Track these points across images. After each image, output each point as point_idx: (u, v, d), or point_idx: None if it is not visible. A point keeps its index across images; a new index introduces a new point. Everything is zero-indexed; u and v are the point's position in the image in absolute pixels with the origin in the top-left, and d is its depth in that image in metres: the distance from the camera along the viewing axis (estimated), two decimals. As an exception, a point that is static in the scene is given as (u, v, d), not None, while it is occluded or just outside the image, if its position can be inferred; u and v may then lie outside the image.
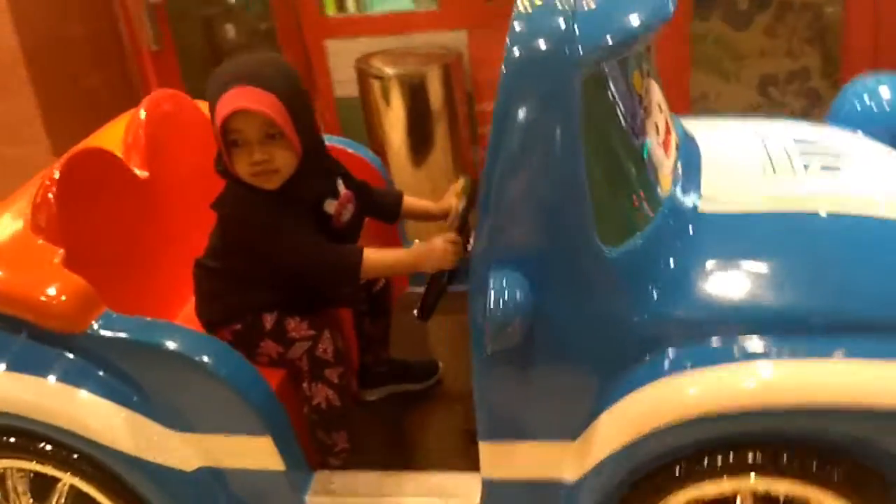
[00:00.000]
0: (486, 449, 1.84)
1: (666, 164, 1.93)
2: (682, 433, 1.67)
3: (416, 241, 2.35)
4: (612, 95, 1.77)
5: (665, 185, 1.88)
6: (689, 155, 2.05)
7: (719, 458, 1.68)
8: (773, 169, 1.98)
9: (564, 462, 1.82)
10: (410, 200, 2.24)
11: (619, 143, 1.78)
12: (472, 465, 2.06)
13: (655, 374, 1.69)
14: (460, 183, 2.10)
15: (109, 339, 1.85)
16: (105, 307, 1.89)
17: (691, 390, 1.65)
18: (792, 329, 1.65)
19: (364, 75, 4.20)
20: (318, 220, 1.98)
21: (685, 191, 1.91)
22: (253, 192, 1.90)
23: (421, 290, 2.67)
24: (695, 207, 1.87)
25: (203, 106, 2.59)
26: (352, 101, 4.66)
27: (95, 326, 1.85)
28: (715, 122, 2.37)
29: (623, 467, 1.73)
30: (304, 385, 2.03)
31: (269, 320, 2.03)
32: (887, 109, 2.31)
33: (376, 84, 4.11)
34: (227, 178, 1.96)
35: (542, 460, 1.84)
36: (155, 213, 2.33)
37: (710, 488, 1.71)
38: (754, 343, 1.65)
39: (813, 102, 4.17)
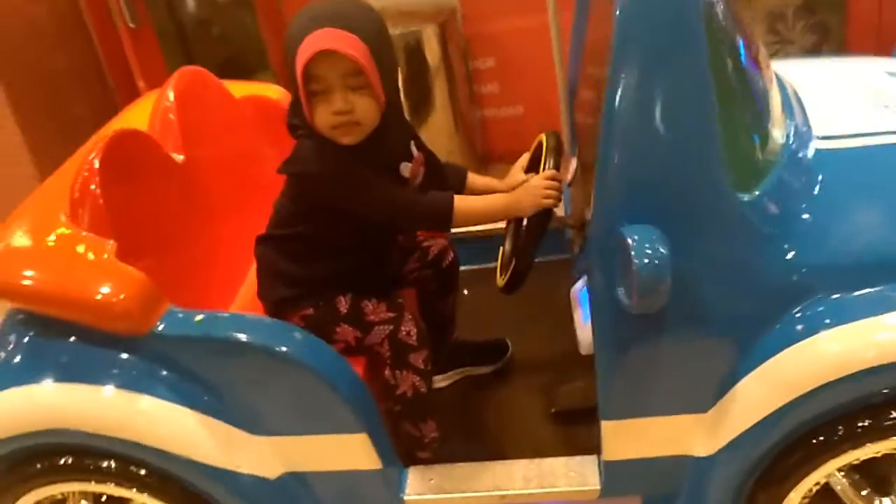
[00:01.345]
0: (609, 429, 1.67)
1: (776, 99, 1.77)
2: (832, 396, 1.52)
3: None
4: (729, 24, 1.61)
5: (780, 123, 1.73)
6: (786, 92, 1.90)
7: (867, 420, 1.55)
8: (884, 104, 1.84)
9: (695, 436, 1.66)
10: (475, 178, 2.03)
11: (740, 78, 1.61)
12: (566, 447, 1.93)
13: (798, 333, 1.53)
14: (542, 141, 1.92)
15: (179, 338, 1.63)
16: (169, 303, 1.67)
17: (837, 348, 1.50)
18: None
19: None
20: (396, 182, 1.80)
21: (799, 129, 1.74)
22: (331, 145, 1.70)
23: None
24: (813, 145, 1.72)
25: (232, 86, 2.39)
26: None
27: (161, 325, 1.63)
28: (788, 62, 2.22)
29: (766, 439, 1.58)
30: (387, 373, 1.83)
31: (343, 303, 1.83)
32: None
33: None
34: (299, 134, 1.75)
35: (670, 436, 1.67)
36: (195, 198, 2.10)
37: (860, 453, 1.58)
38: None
39: (822, 38, 4.06)
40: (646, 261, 1.40)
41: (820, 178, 1.63)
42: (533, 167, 1.99)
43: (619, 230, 1.46)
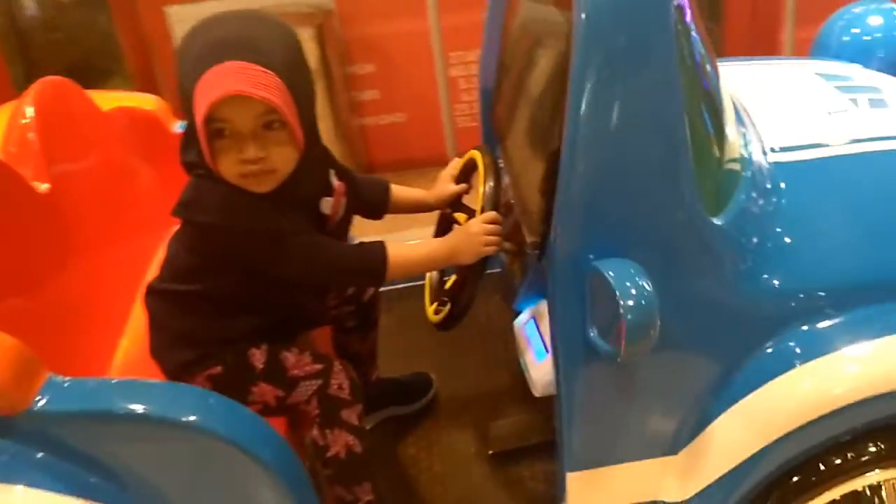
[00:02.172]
0: (574, 482, 1.49)
1: (730, 110, 1.64)
2: (811, 435, 1.40)
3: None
4: (690, 28, 1.46)
5: (735, 135, 1.59)
6: (733, 102, 1.77)
7: (849, 454, 1.44)
8: (826, 110, 1.74)
9: (664, 481, 1.51)
10: (399, 192, 1.81)
11: (702, 89, 1.47)
12: (512, 493, 1.76)
13: (773, 368, 1.41)
14: (475, 159, 1.71)
15: (64, 414, 1.32)
16: (48, 371, 1.36)
17: (811, 385, 1.38)
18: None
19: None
20: (315, 222, 1.55)
21: (753, 141, 1.62)
22: (240, 193, 1.41)
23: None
24: (767, 158, 1.60)
25: (99, 97, 2.07)
26: (207, 76, 4.12)
27: (41, 401, 1.31)
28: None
29: (743, 484, 1.45)
30: (315, 433, 1.57)
31: (258, 357, 1.55)
32: (881, 39, 2.13)
33: (239, 52, 3.63)
34: (198, 174, 1.45)
35: (639, 482, 1.51)
36: (63, 232, 1.76)
37: (846, 488, 1.46)
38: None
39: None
40: (631, 302, 1.22)
41: (783, 194, 1.51)
42: (463, 178, 1.81)
43: (594, 266, 1.27)
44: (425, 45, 3.82)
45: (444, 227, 1.86)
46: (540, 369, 1.53)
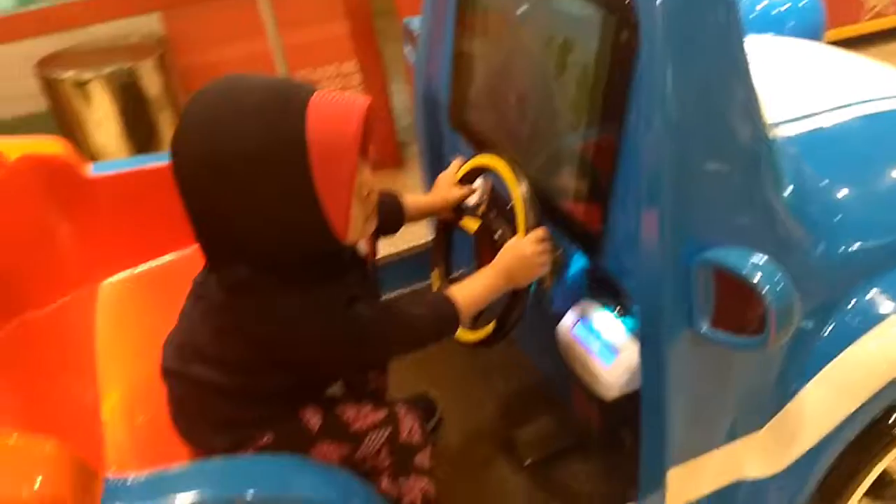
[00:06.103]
0: (674, 476, 1.39)
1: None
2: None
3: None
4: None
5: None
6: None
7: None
8: (794, 81, 1.76)
9: (750, 458, 1.44)
10: (408, 199, 1.62)
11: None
12: (561, 499, 1.65)
13: (856, 328, 1.38)
14: (488, 166, 1.56)
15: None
16: (101, 474, 1.06)
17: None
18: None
19: (54, 84, 3.34)
20: (363, 275, 1.37)
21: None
22: (315, 296, 1.19)
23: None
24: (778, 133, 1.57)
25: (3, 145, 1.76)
26: (31, 120, 3.63)
27: (110, 510, 1.03)
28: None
29: (832, 451, 1.41)
30: (385, 485, 1.35)
31: (312, 418, 1.30)
32: (790, 9, 2.18)
33: (75, 91, 3.34)
34: (252, 287, 1.18)
35: (727, 465, 1.43)
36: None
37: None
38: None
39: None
40: (774, 290, 1.13)
41: (811, 164, 1.48)
42: (467, 181, 1.66)
43: (707, 259, 1.19)
44: (269, 67, 3.59)
45: (444, 234, 1.72)
46: (613, 371, 1.41)
